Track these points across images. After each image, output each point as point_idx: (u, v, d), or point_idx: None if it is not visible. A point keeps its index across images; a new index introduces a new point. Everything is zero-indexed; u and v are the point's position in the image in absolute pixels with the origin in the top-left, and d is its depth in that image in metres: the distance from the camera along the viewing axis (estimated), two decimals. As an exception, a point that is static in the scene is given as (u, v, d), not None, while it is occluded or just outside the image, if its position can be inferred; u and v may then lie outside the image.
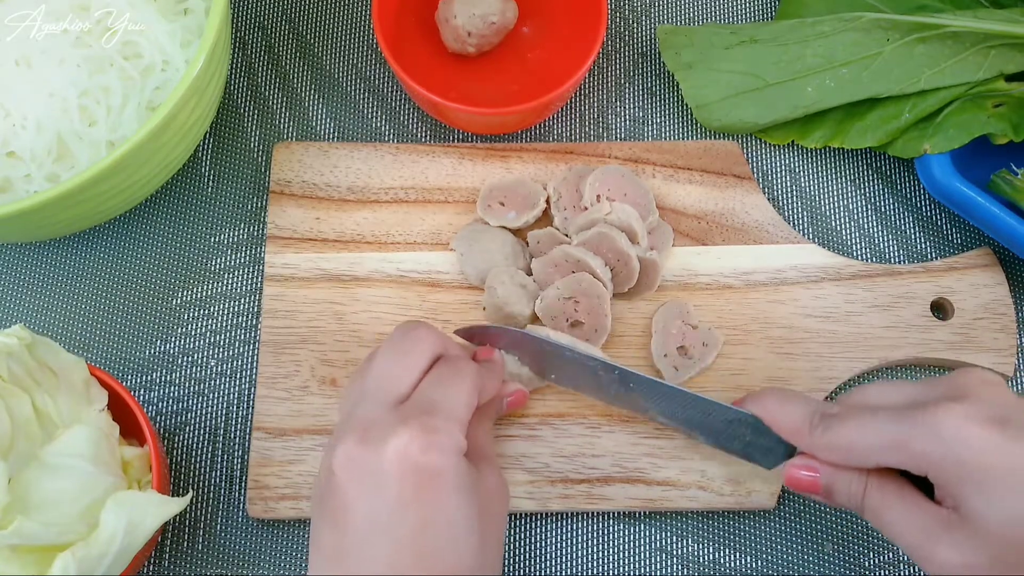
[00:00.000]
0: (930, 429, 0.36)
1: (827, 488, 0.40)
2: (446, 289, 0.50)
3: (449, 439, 0.38)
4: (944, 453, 0.36)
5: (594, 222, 0.49)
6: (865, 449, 0.38)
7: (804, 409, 0.41)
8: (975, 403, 0.36)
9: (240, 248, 0.53)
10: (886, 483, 0.38)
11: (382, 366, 0.41)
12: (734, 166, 0.53)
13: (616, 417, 0.48)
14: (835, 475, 0.40)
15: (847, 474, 0.39)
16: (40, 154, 0.47)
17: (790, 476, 0.41)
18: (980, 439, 0.35)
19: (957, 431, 0.35)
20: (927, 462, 0.36)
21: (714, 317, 0.50)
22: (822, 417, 0.40)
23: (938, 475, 0.36)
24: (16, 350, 0.40)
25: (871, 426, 0.38)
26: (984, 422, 0.35)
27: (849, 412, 0.39)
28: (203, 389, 0.50)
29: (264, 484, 0.46)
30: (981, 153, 0.50)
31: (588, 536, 0.47)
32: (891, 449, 0.37)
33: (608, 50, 0.58)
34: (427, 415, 0.38)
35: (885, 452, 0.37)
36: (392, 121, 0.56)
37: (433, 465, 0.37)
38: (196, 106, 0.45)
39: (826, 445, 0.39)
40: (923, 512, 0.37)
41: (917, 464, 0.37)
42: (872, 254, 0.53)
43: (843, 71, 0.51)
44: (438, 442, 0.37)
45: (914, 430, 0.36)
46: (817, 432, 0.39)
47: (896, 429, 0.37)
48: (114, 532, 0.38)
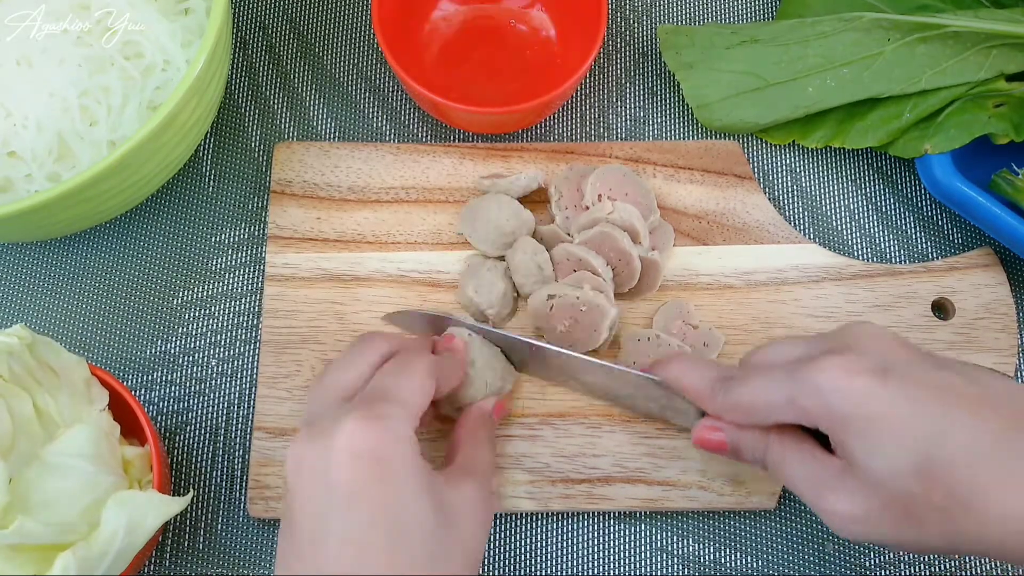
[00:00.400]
0: (811, 383, 0.36)
1: (733, 447, 0.41)
2: (447, 289, 0.50)
3: (397, 424, 0.37)
4: (825, 406, 0.36)
5: (596, 221, 0.49)
6: (761, 408, 0.39)
7: (706, 374, 0.41)
8: (856, 355, 0.36)
9: (241, 248, 0.53)
10: (785, 438, 0.39)
11: (334, 371, 0.41)
12: (735, 166, 0.53)
13: (617, 417, 0.48)
14: (739, 434, 0.41)
15: (750, 433, 0.40)
16: (41, 154, 0.47)
17: (698, 437, 0.42)
18: (858, 390, 0.35)
19: (835, 383, 0.36)
20: (813, 416, 0.37)
21: (715, 317, 0.50)
22: (722, 381, 0.40)
23: (826, 428, 0.37)
24: (17, 350, 0.40)
25: (764, 386, 0.39)
26: (863, 373, 0.35)
27: (746, 374, 0.40)
28: (204, 389, 0.50)
29: (265, 484, 0.46)
30: (982, 153, 0.50)
31: (588, 536, 0.47)
32: (782, 407, 0.38)
33: (608, 50, 0.58)
34: (374, 404, 0.37)
35: (778, 410, 0.38)
36: (392, 121, 0.56)
37: (380, 451, 0.36)
38: (197, 106, 0.45)
39: (727, 407, 0.40)
40: (819, 464, 0.38)
41: (806, 418, 0.37)
42: (873, 254, 0.53)
43: (844, 71, 0.51)
44: (384, 426, 0.36)
45: (798, 386, 0.37)
46: (719, 396, 0.40)
47: (784, 387, 0.37)
48: (115, 532, 0.38)
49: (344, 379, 0.40)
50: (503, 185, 0.50)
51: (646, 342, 0.48)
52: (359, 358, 0.41)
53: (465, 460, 0.42)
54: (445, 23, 0.57)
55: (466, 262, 0.50)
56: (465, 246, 0.51)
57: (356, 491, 0.35)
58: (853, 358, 0.36)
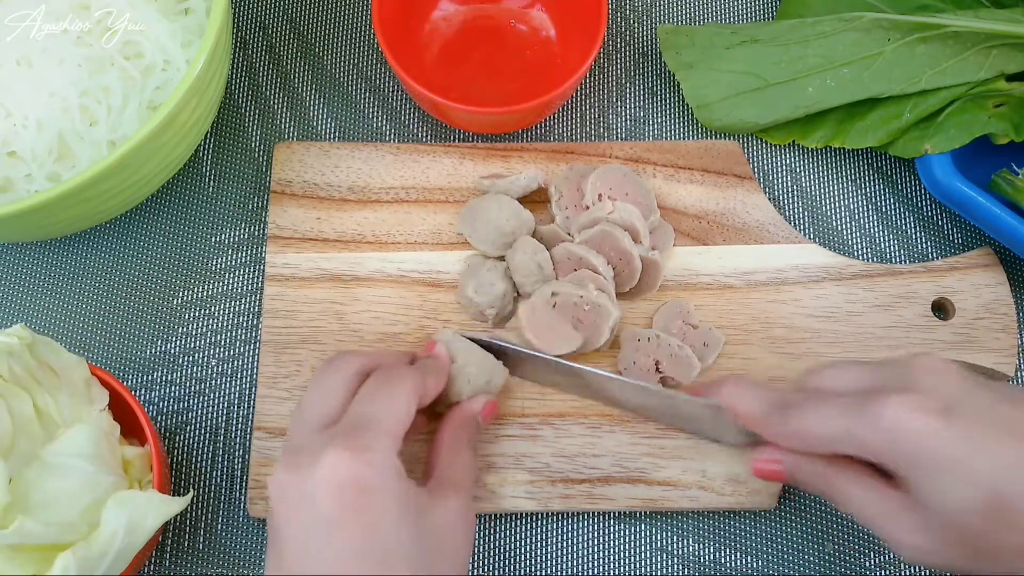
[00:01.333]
0: (876, 421, 0.36)
1: (791, 475, 0.41)
2: (447, 289, 0.50)
3: (380, 455, 0.37)
4: (888, 444, 0.36)
5: (596, 220, 0.49)
6: (819, 439, 0.39)
7: (763, 400, 0.41)
8: (918, 394, 0.36)
9: (241, 248, 0.53)
10: (847, 470, 0.39)
11: (310, 396, 0.41)
12: (735, 166, 0.53)
13: (617, 417, 0.48)
14: (798, 462, 0.41)
15: (809, 463, 0.40)
16: (41, 154, 0.47)
17: (756, 468, 0.42)
18: (923, 431, 0.35)
19: (899, 423, 0.36)
20: (874, 452, 0.37)
21: (715, 317, 0.50)
22: (780, 407, 0.40)
23: (887, 464, 0.37)
24: (17, 350, 0.40)
25: (822, 417, 0.39)
26: (928, 413, 0.36)
27: (804, 401, 0.40)
28: (203, 389, 0.50)
29: (265, 484, 0.46)
30: (982, 153, 0.50)
31: (588, 536, 0.47)
32: (842, 440, 0.38)
33: (608, 50, 0.58)
34: (356, 433, 0.37)
35: (837, 442, 0.38)
36: (393, 121, 0.56)
37: (363, 482, 0.36)
38: (197, 106, 0.45)
39: (786, 435, 0.40)
40: (882, 496, 0.38)
41: (866, 453, 0.37)
42: (872, 254, 0.53)
43: (844, 71, 0.51)
44: (367, 459, 0.36)
45: (860, 421, 0.37)
46: (777, 424, 0.40)
47: (845, 422, 0.38)
48: (115, 531, 0.38)
49: (322, 406, 0.40)
50: (503, 185, 0.50)
51: (646, 342, 0.48)
52: (334, 381, 0.41)
53: (447, 471, 0.42)
54: (445, 23, 0.57)
55: (466, 262, 0.50)
56: (465, 246, 0.51)
57: (341, 521, 0.36)
58: (914, 397, 0.36)
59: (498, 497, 0.46)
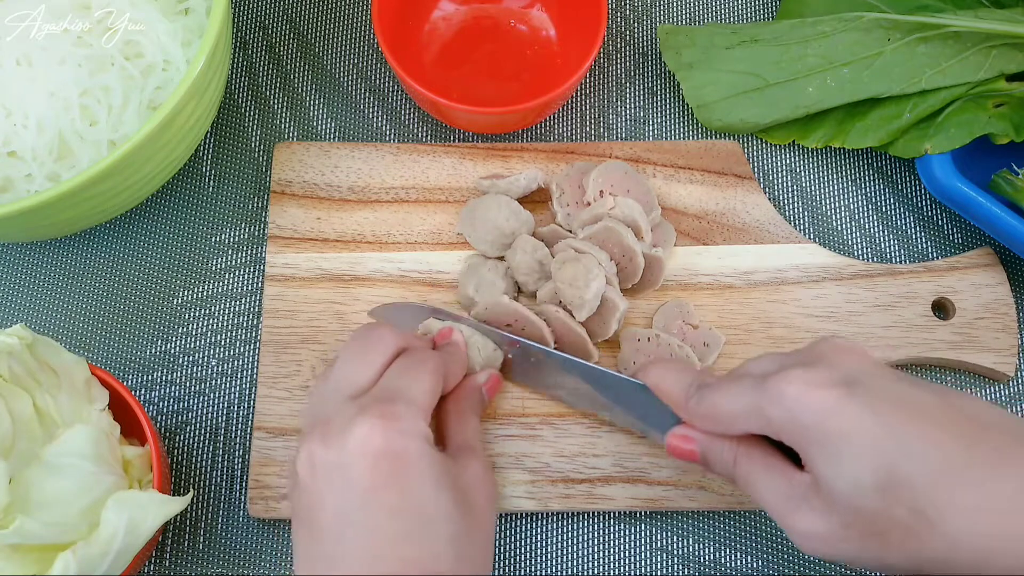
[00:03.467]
0: (777, 393, 0.36)
1: (703, 457, 0.40)
2: (447, 289, 0.50)
3: (411, 423, 0.38)
4: (790, 417, 0.35)
5: (598, 217, 0.49)
6: (728, 416, 0.38)
7: (683, 379, 0.41)
8: (823, 368, 0.36)
9: (240, 248, 0.53)
10: (754, 451, 0.38)
11: (342, 368, 0.41)
12: (735, 166, 0.53)
13: (617, 417, 0.48)
14: (710, 443, 0.40)
15: (719, 442, 0.40)
16: (41, 153, 0.47)
17: (669, 445, 0.41)
18: (823, 402, 0.35)
19: (800, 394, 0.35)
20: (777, 426, 0.36)
21: (715, 317, 0.50)
22: (698, 387, 0.40)
23: (790, 440, 0.36)
24: (17, 349, 0.40)
25: (732, 394, 0.38)
26: (829, 385, 0.35)
27: (720, 381, 0.39)
28: (204, 389, 0.50)
29: (265, 484, 0.46)
30: (982, 153, 0.50)
31: (588, 536, 0.47)
32: (749, 416, 0.37)
33: (608, 50, 0.58)
34: (387, 403, 0.38)
35: (745, 419, 0.37)
36: (392, 121, 0.56)
37: (397, 450, 0.37)
38: (197, 106, 0.45)
39: (698, 414, 0.40)
40: (786, 479, 0.37)
41: (771, 428, 0.36)
42: (872, 253, 0.53)
43: (844, 71, 0.51)
44: (399, 427, 0.37)
45: (764, 396, 0.36)
46: (692, 401, 0.40)
47: (751, 397, 0.37)
48: (115, 531, 0.38)
49: (353, 377, 0.41)
50: (503, 185, 0.50)
51: (646, 342, 0.48)
52: (366, 356, 0.41)
53: (460, 437, 0.43)
54: (445, 23, 0.57)
55: (466, 262, 0.50)
56: (465, 246, 0.51)
57: (378, 489, 0.36)
58: (820, 370, 0.36)
59: (498, 497, 0.46)
